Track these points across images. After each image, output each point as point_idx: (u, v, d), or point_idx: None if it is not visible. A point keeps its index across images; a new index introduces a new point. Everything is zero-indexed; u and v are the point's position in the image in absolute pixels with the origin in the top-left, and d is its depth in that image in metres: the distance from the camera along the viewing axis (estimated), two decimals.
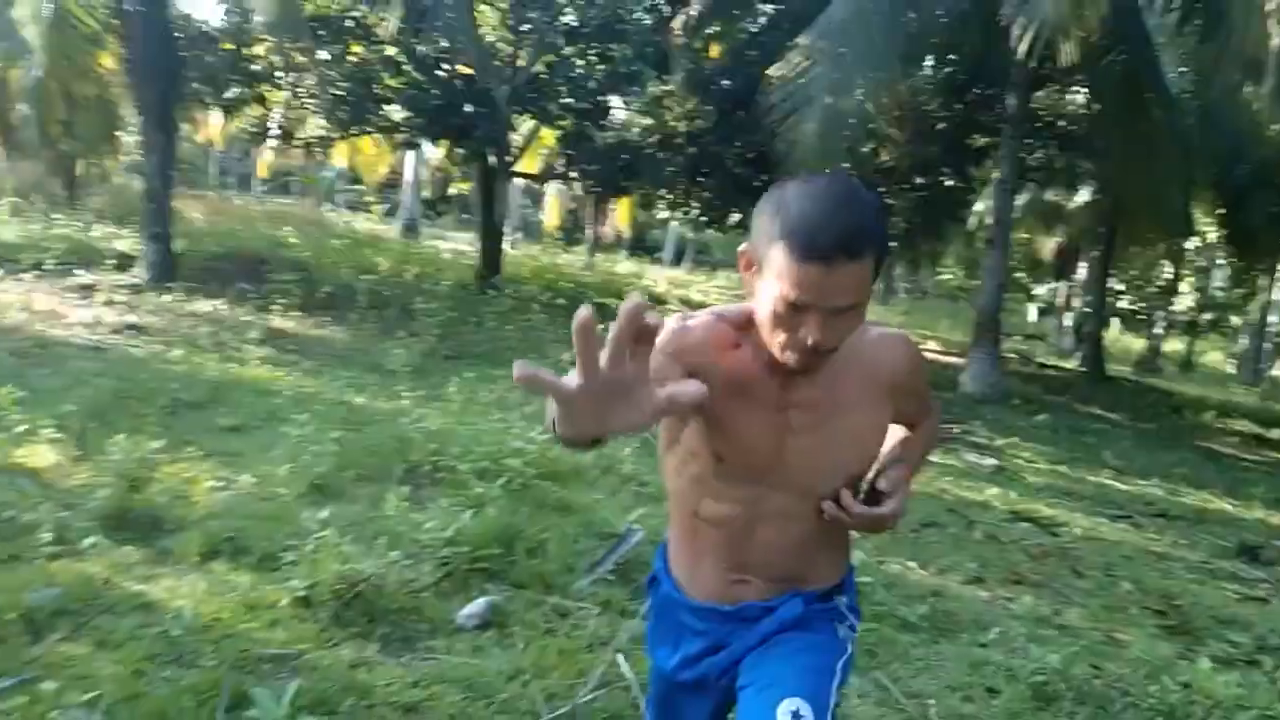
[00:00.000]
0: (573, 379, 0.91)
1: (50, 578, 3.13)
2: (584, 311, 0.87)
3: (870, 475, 1.57)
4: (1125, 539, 6.16)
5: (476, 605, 3.12)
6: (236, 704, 2.47)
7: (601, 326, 0.89)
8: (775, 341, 1.42)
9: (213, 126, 24.86)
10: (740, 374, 1.48)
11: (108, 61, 12.88)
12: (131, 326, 8.39)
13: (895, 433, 1.66)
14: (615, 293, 16.03)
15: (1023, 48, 8.97)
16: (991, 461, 8.29)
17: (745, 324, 1.49)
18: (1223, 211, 17.05)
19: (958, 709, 2.91)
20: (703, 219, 16.03)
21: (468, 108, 13.05)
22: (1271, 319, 22.42)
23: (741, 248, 1.47)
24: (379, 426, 5.30)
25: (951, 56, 14.10)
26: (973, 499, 6.57)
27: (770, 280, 1.37)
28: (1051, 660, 3.22)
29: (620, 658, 2.90)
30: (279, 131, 14.86)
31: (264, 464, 4.42)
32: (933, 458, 8.08)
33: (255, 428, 5.44)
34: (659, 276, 21.96)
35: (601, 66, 13.66)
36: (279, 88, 14.25)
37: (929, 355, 16.39)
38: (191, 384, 6.31)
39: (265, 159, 28.86)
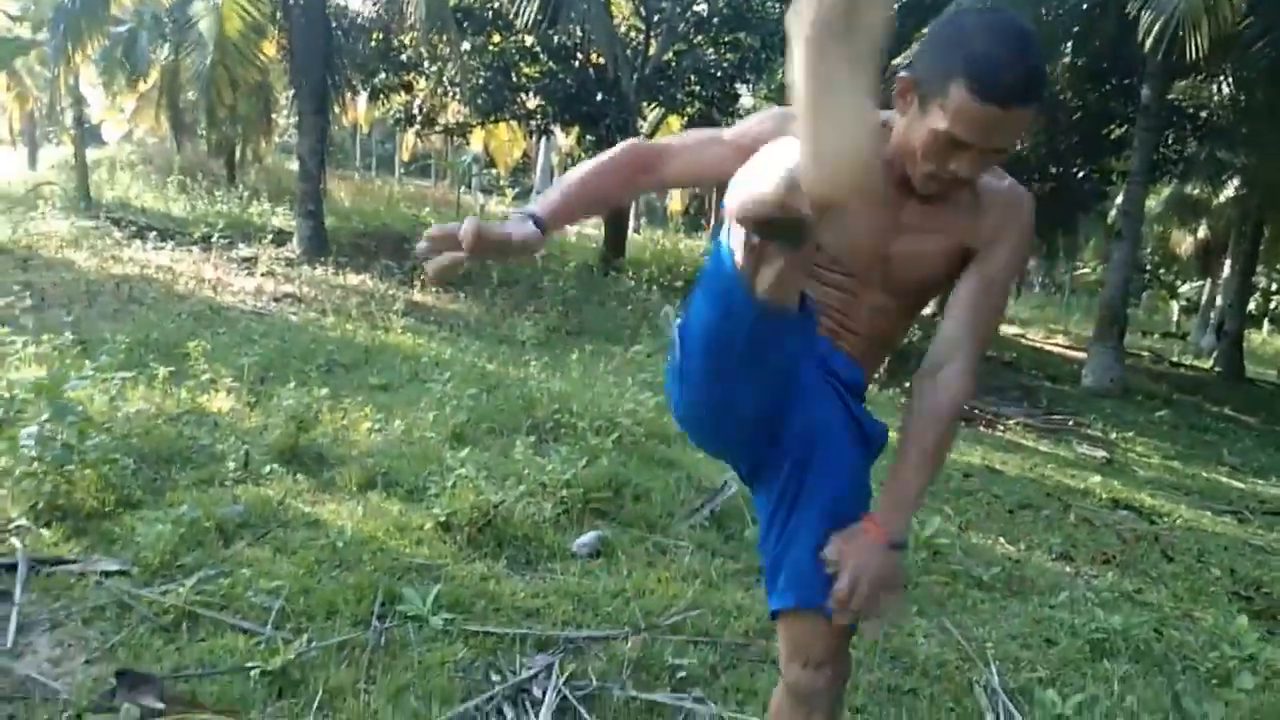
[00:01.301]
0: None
1: (236, 497, 3.74)
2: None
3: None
4: (1226, 531, 6.18)
5: (588, 537, 3.60)
6: (389, 600, 2.98)
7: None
8: (920, 169, 1.47)
9: (359, 111, 26.19)
10: None
11: (269, 49, 13.89)
12: (289, 295, 9.24)
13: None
14: None
15: (1150, 41, 8.88)
16: (1102, 453, 8.31)
17: (883, 134, 1.51)
18: None
19: (1014, 653, 3.20)
20: None
21: (598, 96, 13.58)
22: None
23: (901, 74, 1.46)
24: (508, 388, 5.85)
25: (1094, 43, 13.81)
26: (1074, 486, 6.68)
27: (936, 115, 1.39)
28: (1114, 622, 3.45)
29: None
30: (422, 117, 15.69)
31: (411, 414, 5.01)
32: (1040, 446, 8.17)
33: (400, 386, 6.08)
34: None
35: (730, 55, 13.97)
36: (424, 75, 15.07)
37: (1055, 349, 16.15)
38: (344, 347, 7.01)
39: (408, 143, 30.24)
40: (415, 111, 15.73)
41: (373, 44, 14.26)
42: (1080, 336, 17.56)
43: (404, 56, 14.58)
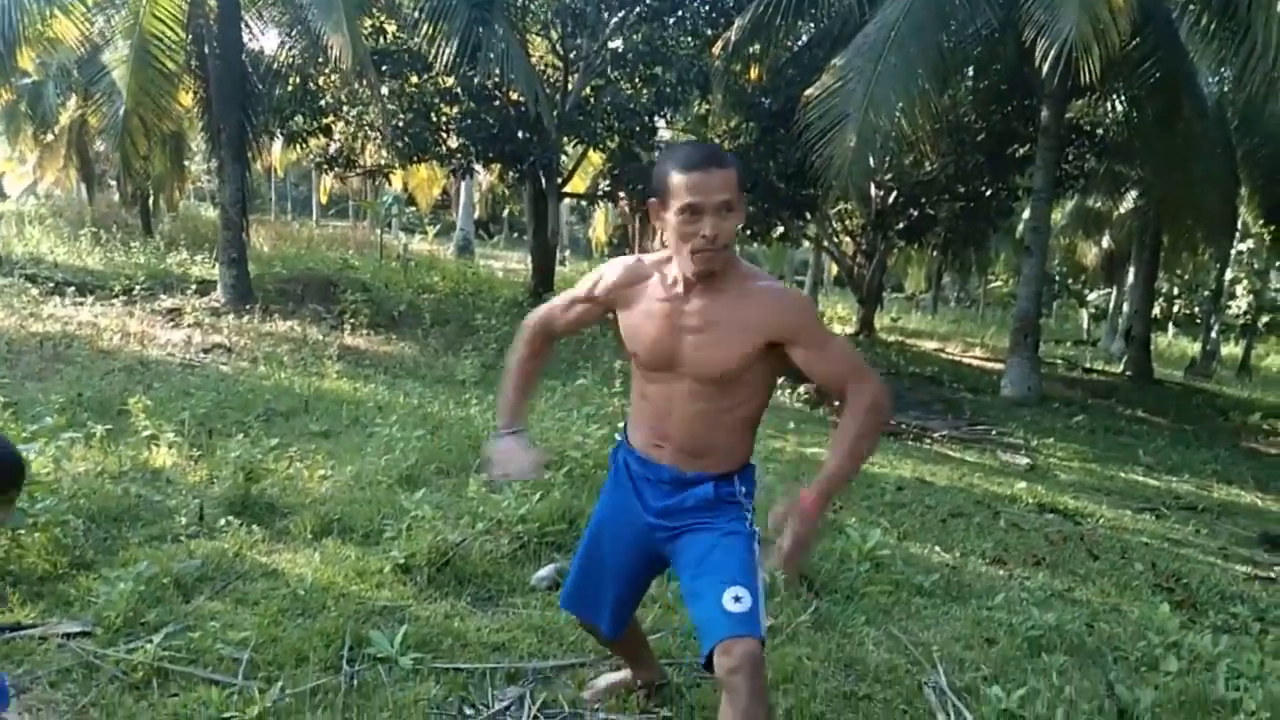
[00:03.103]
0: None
1: (191, 552, 3.75)
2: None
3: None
4: (1146, 528, 6.51)
5: (546, 570, 3.69)
6: (357, 644, 3.04)
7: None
8: (685, 251, 2.04)
9: (273, 155, 25.92)
10: (649, 297, 2.18)
11: (185, 99, 13.71)
12: (218, 346, 9.13)
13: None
14: None
15: (1047, 66, 9.36)
16: (1024, 460, 8.65)
17: (660, 263, 2.20)
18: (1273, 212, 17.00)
19: (958, 654, 3.38)
20: (747, 231, 16.51)
21: (520, 134, 13.72)
22: None
23: (650, 202, 2.14)
24: (453, 428, 5.90)
25: (995, 67, 14.39)
26: (1002, 493, 6.96)
27: (674, 201, 2.03)
28: (1048, 619, 3.66)
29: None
30: (342, 159, 15.62)
31: (358, 460, 5.04)
32: (966, 456, 8.46)
33: (341, 432, 6.08)
34: None
35: (646, 90, 14.24)
36: (343, 119, 15.03)
37: (973, 362, 16.67)
38: (281, 395, 6.98)
39: (325, 185, 29.98)
40: (334, 154, 15.65)
41: (289, 88, 14.17)
42: (997, 348, 18.17)
43: (322, 101, 14.51)
